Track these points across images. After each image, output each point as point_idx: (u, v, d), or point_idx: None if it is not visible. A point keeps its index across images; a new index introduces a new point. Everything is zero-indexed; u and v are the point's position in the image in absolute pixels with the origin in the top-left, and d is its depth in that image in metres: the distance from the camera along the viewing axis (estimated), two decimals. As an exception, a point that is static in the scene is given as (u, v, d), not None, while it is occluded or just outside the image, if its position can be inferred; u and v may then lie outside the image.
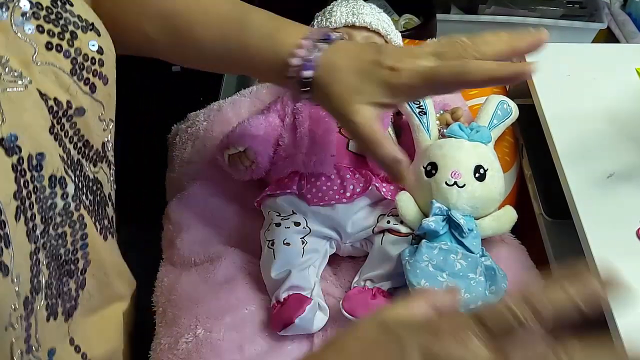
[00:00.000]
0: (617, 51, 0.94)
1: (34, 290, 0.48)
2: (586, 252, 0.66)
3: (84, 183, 0.57)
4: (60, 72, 0.53)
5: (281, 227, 0.77)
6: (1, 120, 0.46)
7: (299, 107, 0.86)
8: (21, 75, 0.49)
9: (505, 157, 0.88)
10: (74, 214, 0.54)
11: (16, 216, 0.47)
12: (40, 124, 0.50)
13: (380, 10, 0.94)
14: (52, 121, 0.52)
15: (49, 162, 0.50)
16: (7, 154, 0.46)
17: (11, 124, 0.47)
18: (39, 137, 0.50)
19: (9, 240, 0.45)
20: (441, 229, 0.73)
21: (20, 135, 0.47)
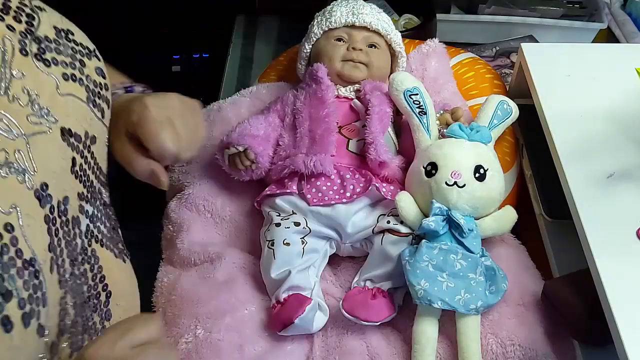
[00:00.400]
0: (617, 51, 0.94)
1: (60, 333, 0.49)
2: (586, 252, 0.66)
3: (102, 211, 0.58)
4: (79, 101, 0.54)
5: (281, 227, 0.77)
6: (33, 170, 0.46)
7: (299, 107, 0.86)
8: (48, 114, 0.50)
9: (505, 157, 0.88)
10: (88, 250, 0.54)
11: (51, 268, 0.46)
12: (63, 167, 0.51)
13: (380, 10, 0.94)
14: (73, 158, 0.52)
15: (71, 204, 0.51)
16: (41, 205, 0.46)
17: (41, 172, 0.47)
18: (63, 181, 0.51)
19: (46, 299, 0.45)
20: (441, 229, 0.73)
21: (49, 182, 0.48)
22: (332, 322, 0.74)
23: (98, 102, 0.58)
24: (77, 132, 0.54)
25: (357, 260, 0.82)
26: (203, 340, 0.70)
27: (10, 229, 0.42)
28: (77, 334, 0.52)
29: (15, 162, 0.45)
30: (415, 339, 0.71)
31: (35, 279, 0.44)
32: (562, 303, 0.70)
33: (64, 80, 0.53)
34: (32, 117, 0.49)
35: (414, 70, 0.97)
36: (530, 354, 0.69)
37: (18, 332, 0.41)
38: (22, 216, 0.44)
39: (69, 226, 0.51)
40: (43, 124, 0.50)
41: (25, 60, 0.50)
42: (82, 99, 0.55)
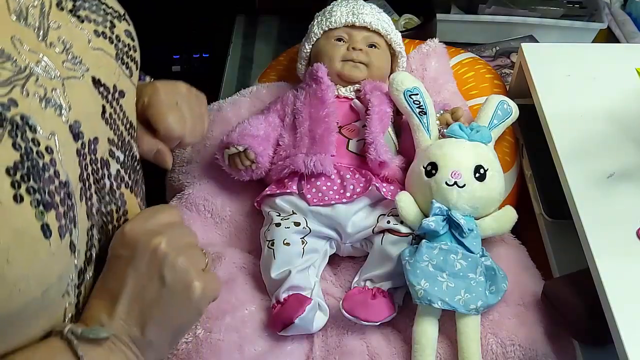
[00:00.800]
0: (617, 51, 0.94)
1: (87, 262, 0.53)
2: (586, 252, 0.66)
3: (130, 163, 0.62)
4: (108, 57, 0.59)
5: (281, 227, 0.77)
6: (68, 107, 0.51)
7: (299, 107, 0.86)
8: (80, 62, 0.55)
9: (505, 157, 0.88)
10: (117, 193, 0.59)
11: (81, 197, 0.52)
12: (94, 110, 0.56)
13: (380, 10, 0.94)
14: (104, 106, 0.57)
15: (100, 145, 0.56)
16: (74, 140, 0.51)
17: (75, 111, 0.52)
18: (94, 122, 0.55)
19: (76, 221, 0.50)
20: (441, 229, 0.73)
21: (82, 121, 0.53)
22: (332, 322, 0.74)
23: (126, 61, 0.62)
24: (106, 84, 0.58)
25: (357, 260, 0.82)
26: (203, 340, 0.70)
27: (50, 151, 0.47)
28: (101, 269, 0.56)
29: (53, 98, 0.49)
30: (415, 339, 0.71)
31: (69, 199, 0.49)
32: (562, 303, 0.70)
33: (95, 36, 0.58)
34: (67, 63, 0.53)
35: (414, 70, 0.97)
36: (530, 354, 0.69)
37: (55, 240, 0.46)
38: (59, 144, 0.48)
39: (98, 165, 0.55)
40: (76, 70, 0.54)
41: (61, 14, 0.55)
42: (112, 55, 0.60)
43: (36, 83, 0.48)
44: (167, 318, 0.53)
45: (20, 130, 0.44)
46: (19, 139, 0.44)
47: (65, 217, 0.47)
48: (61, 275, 0.48)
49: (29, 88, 0.47)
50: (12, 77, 0.46)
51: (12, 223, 0.42)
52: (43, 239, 0.45)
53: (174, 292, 0.53)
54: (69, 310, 0.52)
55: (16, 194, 0.43)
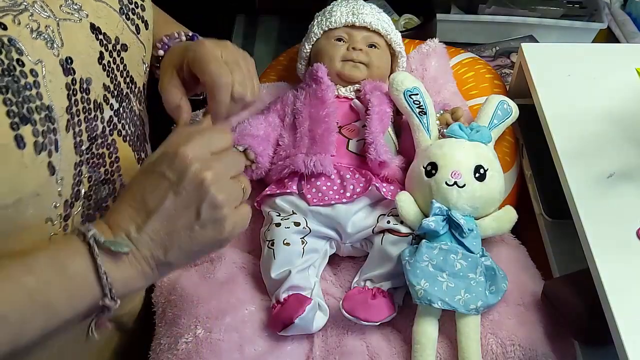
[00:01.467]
0: (617, 51, 0.94)
1: (74, 196, 0.55)
2: (586, 252, 0.66)
3: (128, 115, 0.63)
4: (111, 10, 0.60)
5: (281, 227, 0.77)
6: (60, 44, 0.53)
7: (299, 107, 0.86)
8: (80, 9, 0.56)
9: (505, 157, 0.88)
10: (109, 138, 0.60)
11: (67, 128, 0.53)
12: (90, 53, 0.57)
13: (380, 10, 0.94)
14: (101, 52, 0.58)
15: (94, 87, 0.57)
16: (64, 74, 0.53)
17: (68, 48, 0.54)
18: (89, 64, 0.56)
19: (58, 146, 0.51)
20: (441, 229, 0.73)
21: (74, 59, 0.54)
22: (332, 322, 0.74)
23: (132, 17, 0.63)
24: (107, 33, 0.59)
25: (357, 260, 0.82)
26: (203, 340, 0.70)
27: (35, 74, 0.49)
28: (90, 208, 0.58)
29: (45, 33, 0.51)
30: (415, 338, 0.71)
31: (50, 123, 0.50)
32: (562, 303, 0.70)
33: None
34: (65, 7, 0.55)
35: (414, 70, 0.97)
36: (530, 354, 0.69)
37: (29, 154, 0.48)
38: (46, 72, 0.50)
39: (90, 105, 0.56)
40: (74, 14, 0.56)
41: None
42: (115, 9, 0.61)
43: (30, 17, 0.50)
44: (191, 246, 0.54)
45: (5, 50, 0.47)
46: (2, 56, 0.47)
47: (44, 136, 0.49)
48: (36, 191, 0.50)
49: (21, 19, 0.49)
50: (5, 7, 0.49)
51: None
52: (15, 149, 0.47)
53: (206, 226, 0.54)
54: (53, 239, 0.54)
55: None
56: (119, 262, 0.51)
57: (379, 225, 0.77)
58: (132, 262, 0.52)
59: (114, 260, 0.51)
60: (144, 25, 0.66)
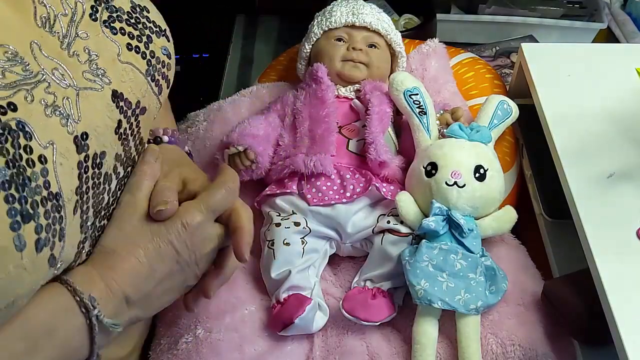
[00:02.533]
0: (617, 51, 0.94)
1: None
2: (586, 252, 0.66)
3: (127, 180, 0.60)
4: (137, 72, 0.58)
5: (281, 227, 0.77)
6: (77, 118, 0.50)
7: (299, 107, 0.86)
8: (104, 74, 0.54)
9: (505, 157, 0.88)
10: (110, 209, 0.57)
11: (74, 210, 0.50)
12: (107, 124, 0.54)
13: (380, 10, 0.94)
14: (119, 121, 0.55)
15: (107, 160, 0.54)
16: (77, 151, 0.50)
17: (85, 123, 0.51)
18: (105, 137, 0.54)
19: (64, 234, 0.48)
20: (441, 229, 0.73)
21: (90, 134, 0.51)
22: (332, 322, 0.74)
23: (157, 78, 0.61)
24: (129, 99, 0.56)
25: (357, 260, 0.82)
26: (203, 340, 0.70)
27: (43, 160, 0.46)
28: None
29: (62, 107, 0.48)
30: (415, 338, 0.71)
31: (57, 212, 0.47)
32: (562, 303, 0.70)
33: (126, 49, 0.57)
34: (87, 74, 0.52)
35: (414, 70, 0.97)
36: (530, 354, 0.69)
37: (28, 253, 0.44)
38: (57, 154, 0.47)
39: (100, 179, 0.54)
40: (96, 82, 0.53)
41: (93, 24, 0.55)
42: (142, 71, 0.58)
43: (46, 90, 0.47)
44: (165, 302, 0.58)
45: (12, 136, 0.43)
46: (8, 144, 0.43)
47: (47, 231, 0.46)
48: (32, 289, 0.47)
49: (36, 94, 0.46)
50: (20, 81, 0.45)
51: None
52: (14, 251, 0.43)
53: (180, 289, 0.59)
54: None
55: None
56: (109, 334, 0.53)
57: (379, 225, 0.77)
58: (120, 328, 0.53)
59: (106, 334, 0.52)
60: (167, 84, 0.63)
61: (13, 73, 0.45)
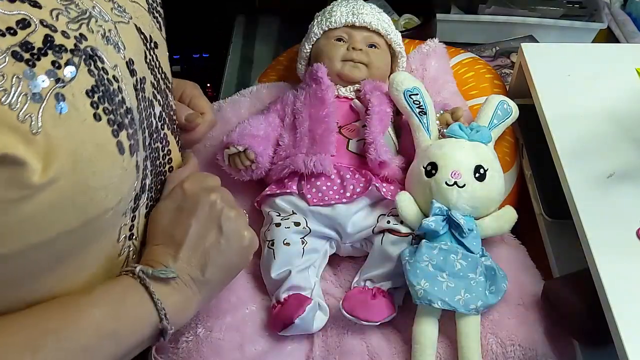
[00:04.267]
0: (617, 51, 0.94)
1: (142, 189, 0.59)
2: (586, 252, 0.66)
3: (167, 110, 0.67)
4: (142, 9, 0.64)
5: (281, 227, 0.77)
6: (123, 47, 0.55)
7: (299, 107, 0.86)
8: (124, 11, 0.59)
9: (505, 157, 0.88)
10: (160, 132, 0.64)
11: (140, 126, 0.56)
12: (140, 53, 0.60)
13: (380, 10, 0.94)
14: (145, 51, 0.61)
15: (147, 86, 0.60)
16: (131, 75, 0.56)
17: (129, 50, 0.56)
18: (141, 64, 0.59)
19: (139, 146, 0.55)
20: (441, 229, 0.73)
21: (134, 60, 0.57)
22: (332, 322, 0.75)
23: (156, 15, 0.67)
24: (145, 33, 0.62)
25: (357, 260, 0.82)
26: (203, 339, 0.70)
27: (117, 79, 0.52)
28: (151, 200, 0.63)
29: (111, 37, 0.54)
30: (415, 338, 0.71)
31: (134, 124, 0.54)
32: (562, 303, 0.70)
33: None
34: (115, 10, 0.57)
35: (414, 70, 0.97)
36: (530, 354, 0.69)
37: (127, 158, 0.52)
38: (122, 76, 0.53)
39: (147, 103, 0.59)
40: (123, 17, 0.58)
41: None
42: (145, 8, 0.64)
43: (96, 23, 0.52)
44: (222, 260, 0.62)
45: (92, 60, 0.49)
46: (92, 67, 0.49)
47: (134, 139, 0.53)
48: (129, 191, 0.55)
49: (92, 27, 0.51)
50: (79, 17, 0.50)
51: (94, 138, 0.48)
52: (118, 155, 0.51)
53: (229, 238, 0.62)
54: (123, 230, 0.58)
55: (95, 113, 0.48)
56: (167, 290, 0.58)
57: (379, 225, 0.77)
58: (177, 288, 0.59)
59: (164, 289, 0.58)
60: (162, 21, 0.70)
61: (72, 10, 0.50)
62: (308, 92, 0.87)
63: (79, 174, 0.47)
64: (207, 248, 0.61)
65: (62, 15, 0.48)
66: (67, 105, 0.46)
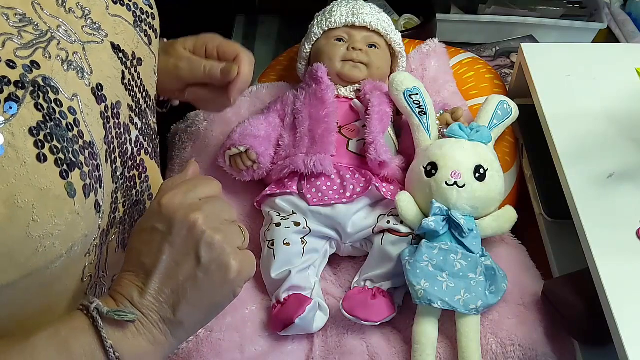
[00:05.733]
0: (617, 51, 0.94)
1: (110, 224, 0.55)
2: (586, 252, 0.67)
3: (147, 131, 0.63)
4: (126, 24, 0.59)
5: (281, 227, 0.77)
6: (90, 70, 0.51)
7: (299, 107, 0.86)
8: (99, 28, 0.55)
9: (505, 157, 0.88)
10: (137, 159, 0.60)
11: (106, 159, 0.52)
12: (115, 75, 0.56)
13: (380, 10, 0.94)
14: (123, 72, 0.57)
15: (122, 110, 0.56)
16: (97, 102, 0.52)
17: (97, 74, 0.52)
18: (115, 87, 0.55)
19: (102, 181, 0.50)
20: (441, 229, 0.73)
21: (104, 84, 0.53)
22: (332, 322, 0.75)
23: (144, 29, 0.62)
24: (125, 50, 0.58)
25: (357, 260, 0.82)
26: (204, 340, 0.70)
27: (73, 112, 0.48)
28: (124, 232, 0.58)
29: (74, 61, 0.50)
30: (415, 338, 0.71)
31: (94, 160, 0.49)
32: (562, 303, 0.70)
33: (112, 3, 0.58)
34: (86, 28, 0.53)
35: (414, 70, 0.97)
36: (530, 354, 0.69)
37: (79, 200, 0.47)
38: (83, 106, 0.49)
39: (121, 130, 0.55)
40: (96, 35, 0.54)
41: None
42: (130, 23, 0.60)
43: (57, 46, 0.48)
44: (200, 298, 0.51)
45: (42, 92, 0.45)
46: (41, 100, 0.45)
47: (90, 177, 0.48)
48: (86, 234, 0.49)
49: (51, 51, 0.47)
50: (35, 40, 0.46)
51: (36, 182, 0.43)
52: (67, 198, 0.45)
53: (209, 271, 0.50)
54: (88, 269, 0.53)
55: (39, 153, 0.44)
56: (127, 333, 0.48)
57: (379, 225, 0.77)
58: (140, 330, 0.49)
59: (122, 332, 0.48)
60: (155, 34, 0.64)
61: (27, 33, 0.46)
62: (308, 92, 0.87)
63: (17, 224, 0.42)
64: (182, 282, 0.49)
65: (11, 42, 0.44)
66: (3, 147, 0.41)
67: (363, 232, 0.79)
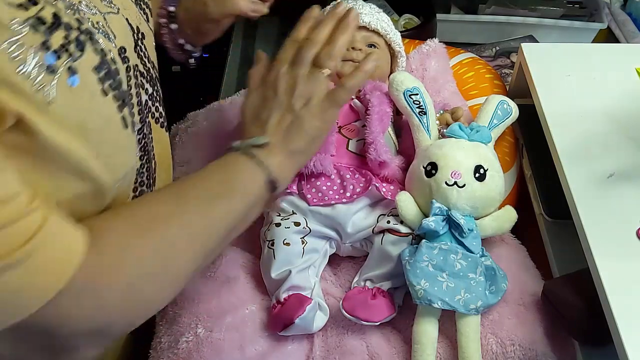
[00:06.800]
0: (617, 51, 0.94)
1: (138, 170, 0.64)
2: (586, 252, 0.67)
3: (155, 98, 0.69)
4: (129, 1, 0.66)
5: (281, 227, 0.77)
6: (114, 36, 0.57)
7: (299, 107, 0.86)
8: (112, 2, 0.61)
9: (505, 157, 0.88)
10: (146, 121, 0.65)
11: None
12: (130, 43, 0.62)
13: (379, 10, 0.94)
14: (135, 42, 0.64)
15: (137, 74, 0.62)
16: (122, 62, 0.58)
17: (120, 39, 0.59)
18: (132, 53, 0.61)
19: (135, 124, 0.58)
20: (441, 229, 0.73)
21: (126, 48, 0.59)
22: (332, 322, 0.75)
23: (143, 7, 0.70)
24: (132, 24, 0.64)
25: (357, 260, 0.82)
26: (204, 339, 0.70)
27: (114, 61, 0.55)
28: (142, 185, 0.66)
29: (100, 28, 0.56)
30: (415, 338, 0.71)
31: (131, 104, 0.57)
32: (562, 303, 0.70)
33: None
34: (104, 1, 0.59)
35: (414, 70, 0.97)
36: (530, 354, 0.69)
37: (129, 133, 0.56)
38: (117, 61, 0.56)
39: (138, 89, 0.62)
40: (112, 7, 0.60)
41: None
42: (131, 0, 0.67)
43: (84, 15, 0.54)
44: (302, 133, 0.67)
45: (93, 41, 0.52)
46: (95, 46, 0.52)
47: (132, 116, 0.56)
48: (132, 165, 0.59)
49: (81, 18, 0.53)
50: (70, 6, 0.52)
51: (102, 112, 0.51)
52: (123, 129, 0.54)
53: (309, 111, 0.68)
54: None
55: (102, 88, 0.52)
56: (265, 151, 0.65)
57: (379, 225, 0.78)
58: (272, 151, 0.65)
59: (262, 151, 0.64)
60: (150, 14, 0.71)
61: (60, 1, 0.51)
62: (308, 92, 0.87)
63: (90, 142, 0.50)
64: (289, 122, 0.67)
65: (59, 1, 0.50)
66: (78, 78, 0.48)
67: (363, 232, 0.79)
